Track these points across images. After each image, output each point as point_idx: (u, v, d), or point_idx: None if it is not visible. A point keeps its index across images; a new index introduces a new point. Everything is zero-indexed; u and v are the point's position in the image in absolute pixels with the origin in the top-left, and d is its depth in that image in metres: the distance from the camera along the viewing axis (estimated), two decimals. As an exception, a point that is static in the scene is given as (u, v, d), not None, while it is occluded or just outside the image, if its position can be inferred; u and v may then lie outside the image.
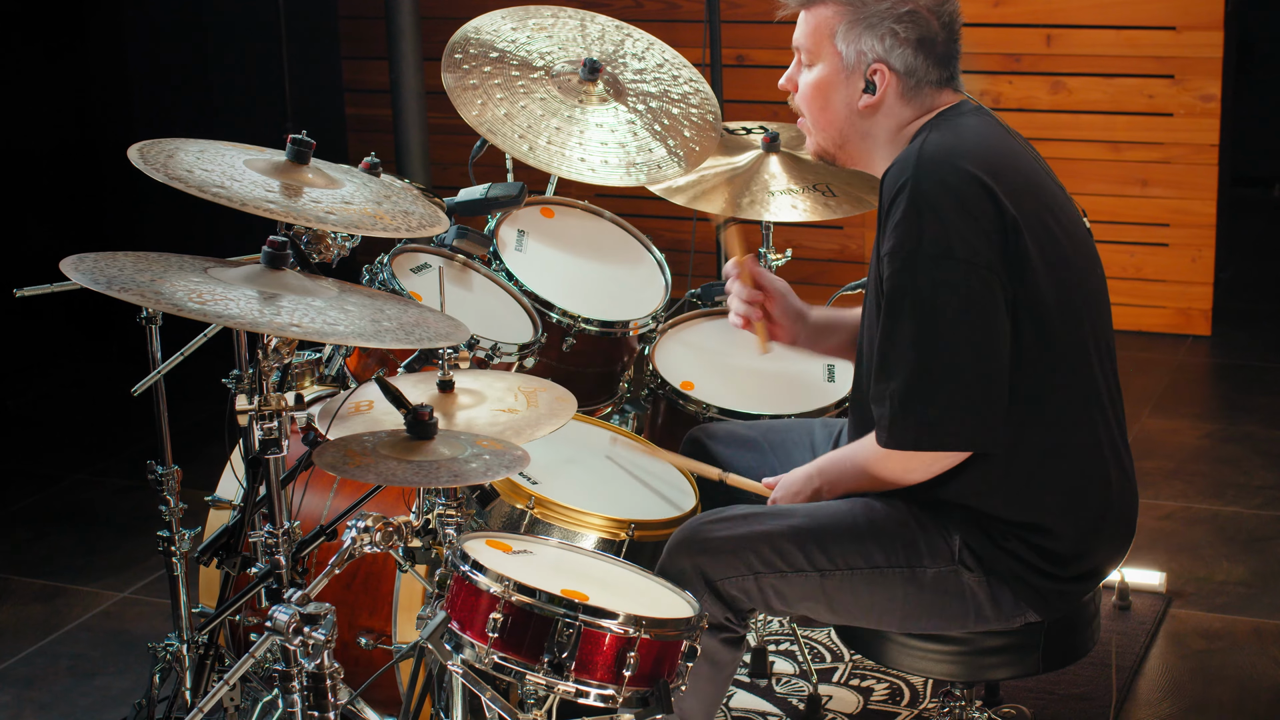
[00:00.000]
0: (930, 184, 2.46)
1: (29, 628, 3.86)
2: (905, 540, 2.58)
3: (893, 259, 2.47)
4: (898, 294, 2.47)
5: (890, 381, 2.49)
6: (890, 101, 2.60)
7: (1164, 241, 5.67)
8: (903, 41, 2.56)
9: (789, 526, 2.60)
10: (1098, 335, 2.61)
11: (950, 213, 2.45)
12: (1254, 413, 5.04)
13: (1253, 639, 3.68)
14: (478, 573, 2.38)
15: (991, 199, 2.46)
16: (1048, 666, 2.67)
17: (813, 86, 2.65)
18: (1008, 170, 2.52)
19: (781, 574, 2.56)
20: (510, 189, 3.30)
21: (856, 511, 2.62)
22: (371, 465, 2.38)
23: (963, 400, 2.46)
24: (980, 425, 2.47)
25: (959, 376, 2.46)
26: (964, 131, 2.55)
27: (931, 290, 2.45)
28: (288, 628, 2.33)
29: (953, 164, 2.48)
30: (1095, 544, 2.60)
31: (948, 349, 2.45)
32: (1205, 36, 5.49)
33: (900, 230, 2.46)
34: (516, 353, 3.16)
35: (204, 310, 2.26)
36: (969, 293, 2.45)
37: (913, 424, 2.48)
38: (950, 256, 2.44)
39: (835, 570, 2.57)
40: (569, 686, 2.34)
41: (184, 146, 2.55)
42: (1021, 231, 2.47)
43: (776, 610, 2.62)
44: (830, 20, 2.60)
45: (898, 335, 2.48)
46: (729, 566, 2.56)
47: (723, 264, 4.64)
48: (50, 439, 5.06)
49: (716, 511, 2.67)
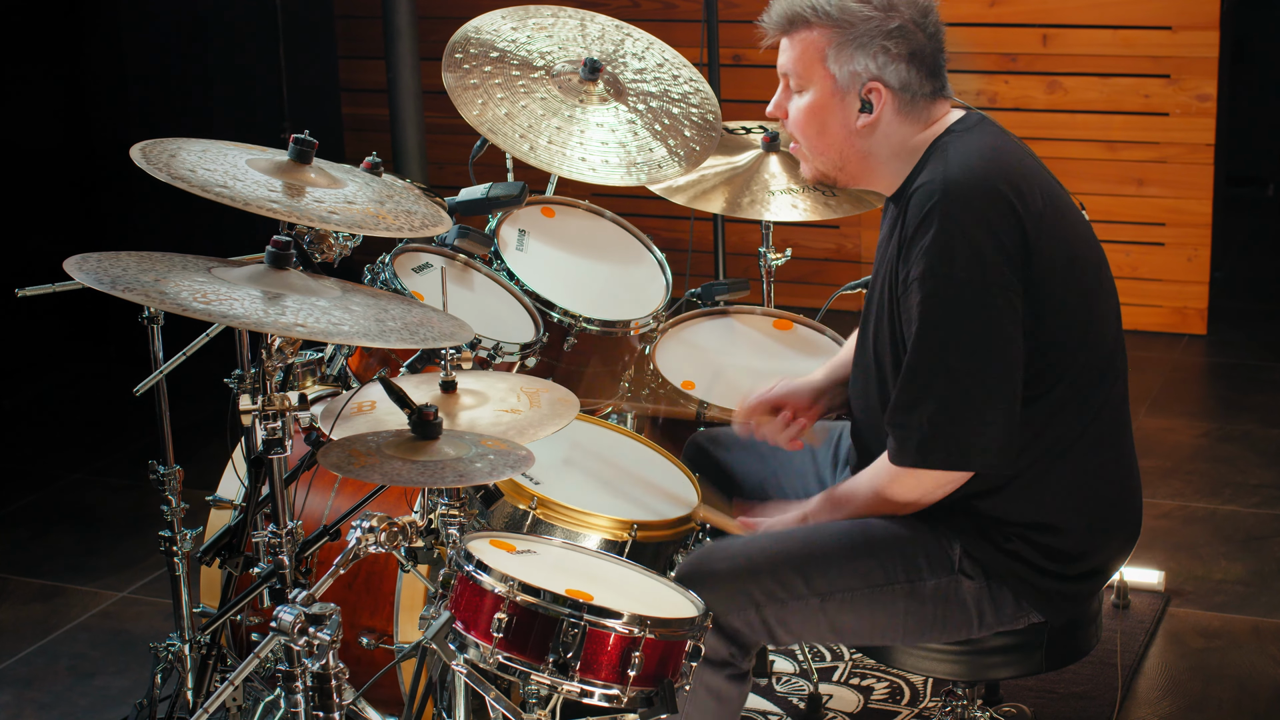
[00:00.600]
0: (959, 208, 2.46)
1: (28, 627, 3.86)
2: (904, 555, 2.58)
3: (924, 283, 2.46)
4: (929, 317, 2.47)
5: (920, 400, 2.48)
6: (888, 118, 2.58)
7: (1160, 241, 5.68)
8: (895, 57, 2.54)
9: (787, 552, 2.59)
10: (1107, 334, 2.61)
11: (980, 236, 2.45)
12: (1251, 411, 5.05)
13: (1252, 638, 3.68)
14: (482, 572, 2.38)
15: (1016, 219, 2.46)
16: (1051, 665, 2.67)
17: (806, 112, 2.62)
18: (1025, 184, 2.52)
19: (783, 603, 2.55)
20: (511, 189, 3.29)
21: (853, 531, 2.61)
22: (377, 465, 2.37)
23: (993, 421, 2.47)
24: (1007, 446, 2.48)
25: (989, 398, 2.46)
26: (982, 149, 2.54)
27: (963, 314, 2.46)
28: (293, 628, 2.33)
29: (979, 187, 2.47)
30: (1103, 540, 2.61)
31: (981, 372, 2.46)
32: (1201, 36, 5.50)
33: (930, 254, 2.46)
34: (518, 352, 3.16)
35: (209, 310, 2.25)
36: (998, 316, 2.45)
37: (944, 444, 2.48)
38: (982, 282, 2.44)
39: (835, 593, 2.57)
40: (574, 686, 2.34)
41: (186, 146, 2.54)
42: (1042, 245, 2.48)
43: (782, 641, 2.61)
44: (818, 43, 2.57)
45: (930, 358, 2.47)
46: (732, 600, 2.55)
47: (721, 262, 4.70)
48: (48, 439, 5.06)
49: (718, 544, 2.67)
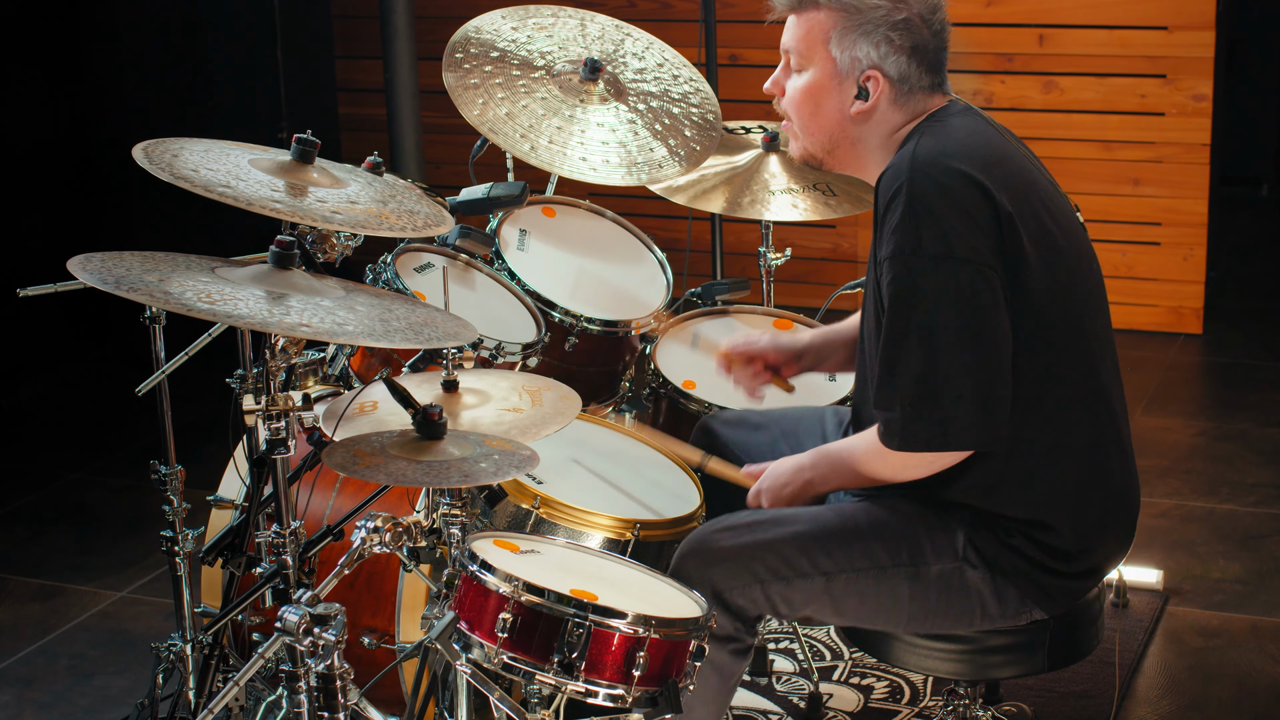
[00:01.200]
0: (925, 185, 2.47)
1: (27, 627, 3.85)
2: (909, 539, 2.58)
3: (893, 263, 2.47)
4: (900, 297, 2.47)
5: (897, 384, 2.49)
6: (882, 107, 2.59)
7: (1156, 240, 5.68)
8: (897, 49, 2.56)
9: (794, 532, 2.60)
10: (1096, 329, 2.61)
11: (947, 212, 2.45)
12: (1247, 411, 5.06)
13: (1250, 636, 3.69)
14: (486, 572, 2.38)
15: (986, 196, 2.47)
16: (1053, 665, 2.68)
17: (803, 91, 2.64)
18: (999, 167, 2.52)
19: (787, 580, 2.57)
20: (512, 188, 3.29)
21: (859, 512, 2.62)
22: (382, 465, 2.37)
23: (971, 400, 2.46)
24: (988, 424, 2.48)
25: (967, 376, 2.46)
26: (954, 131, 2.55)
27: (934, 291, 2.46)
28: (298, 628, 2.33)
29: (945, 164, 2.48)
30: (1098, 540, 2.61)
31: (954, 349, 2.46)
32: (1197, 36, 5.51)
33: (899, 233, 2.46)
34: (520, 352, 3.16)
35: (213, 310, 2.25)
36: (971, 291, 2.45)
37: (924, 425, 2.48)
38: (950, 256, 2.44)
39: (840, 572, 2.58)
40: (579, 686, 2.34)
41: (189, 146, 2.54)
42: (1016, 227, 2.48)
43: (783, 615, 2.62)
44: (824, 25, 2.58)
45: (903, 338, 2.48)
46: (736, 576, 2.56)
47: (719, 262, 4.70)
48: (46, 438, 5.05)
49: (723, 519, 2.67)
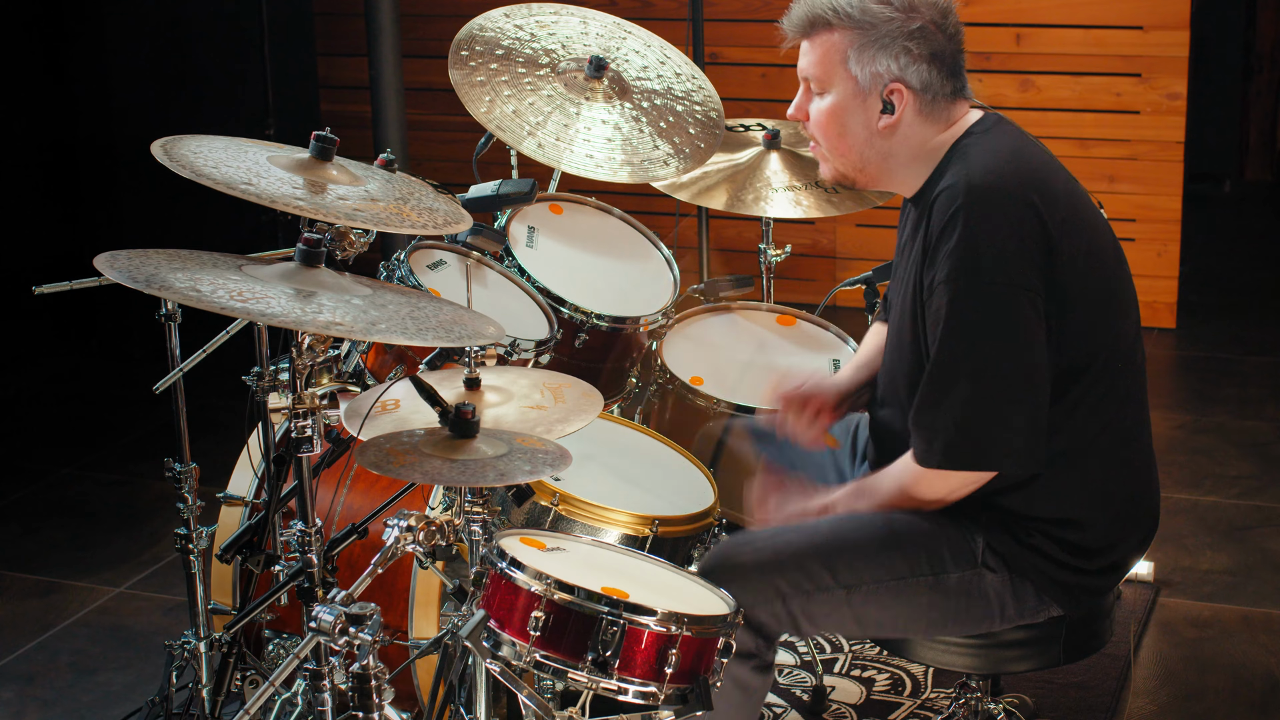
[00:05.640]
0: (983, 211, 2.48)
1: (26, 624, 3.84)
2: (928, 548, 2.61)
3: (949, 286, 2.49)
4: (955, 320, 2.49)
5: (945, 403, 2.51)
6: (909, 119, 2.60)
7: (1131, 236, 5.74)
8: (917, 58, 2.56)
9: (812, 545, 2.61)
10: (1127, 327, 2.65)
11: (1004, 239, 2.47)
12: (1223, 404, 5.13)
13: (1242, 627, 3.75)
14: (516, 570, 2.38)
15: (1038, 217, 2.49)
16: (1069, 659, 2.72)
17: (827, 114, 2.63)
18: (1048, 186, 2.55)
19: (808, 595, 2.57)
20: (521, 185, 3.30)
21: (878, 523, 2.64)
22: (416, 464, 2.37)
23: (1019, 422, 2.50)
24: (1031, 448, 2.51)
25: (1015, 399, 2.49)
26: (1003, 151, 2.57)
27: (989, 316, 2.48)
28: (333, 628, 2.33)
29: (1002, 189, 2.50)
30: (1125, 534, 2.66)
31: (1006, 372, 2.49)
32: (1171, 36, 5.57)
33: (955, 257, 2.48)
34: (534, 349, 3.17)
35: (246, 309, 2.25)
36: (1023, 318, 2.48)
37: (970, 445, 2.51)
38: (1006, 283, 2.47)
39: (860, 585, 2.59)
40: (612, 684, 2.35)
41: (207, 143, 2.54)
42: (1064, 246, 2.51)
43: (805, 632, 2.63)
44: (840, 45, 2.58)
45: (954, 359, 2.50)
46: (759, 592, 2.56)
47: (704, 259, 4.73)
48: (38, 433, 5.02)
49: (742, 536, 2.68)
